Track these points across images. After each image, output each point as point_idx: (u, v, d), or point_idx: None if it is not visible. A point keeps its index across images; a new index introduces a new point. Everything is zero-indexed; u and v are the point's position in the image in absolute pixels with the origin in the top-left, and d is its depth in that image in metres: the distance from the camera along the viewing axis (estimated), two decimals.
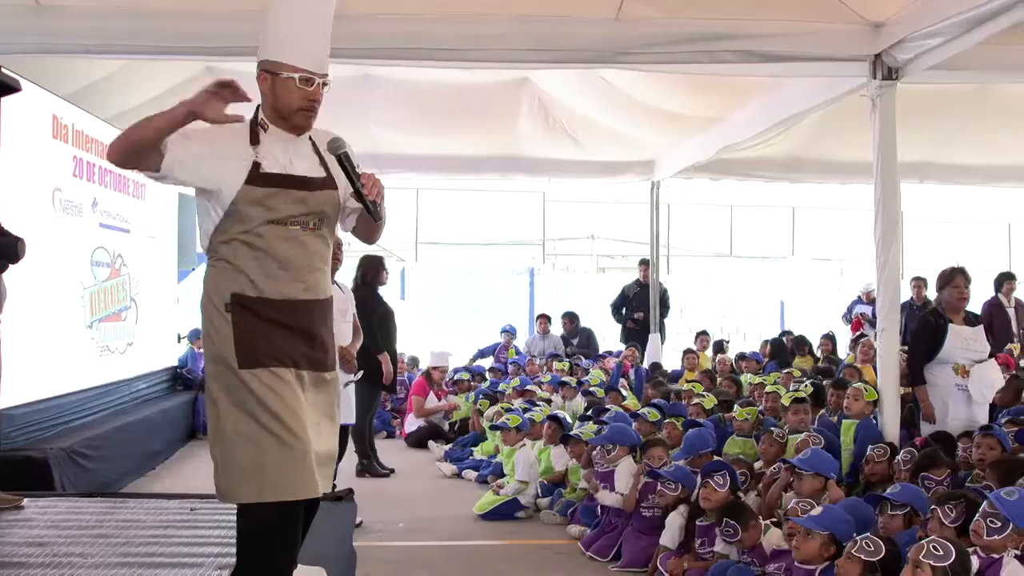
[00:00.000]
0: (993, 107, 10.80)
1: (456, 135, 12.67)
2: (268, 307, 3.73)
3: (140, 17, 7.13)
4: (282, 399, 3.68)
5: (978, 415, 7.46)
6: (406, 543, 7.57)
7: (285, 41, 3.73)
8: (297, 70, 3.71)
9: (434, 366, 12.96)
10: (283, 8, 3.76)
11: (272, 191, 3.71)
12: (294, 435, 3.66)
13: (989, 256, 29.62)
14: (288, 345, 3.75)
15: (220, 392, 3.71)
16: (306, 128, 3.87)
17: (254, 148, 3.74)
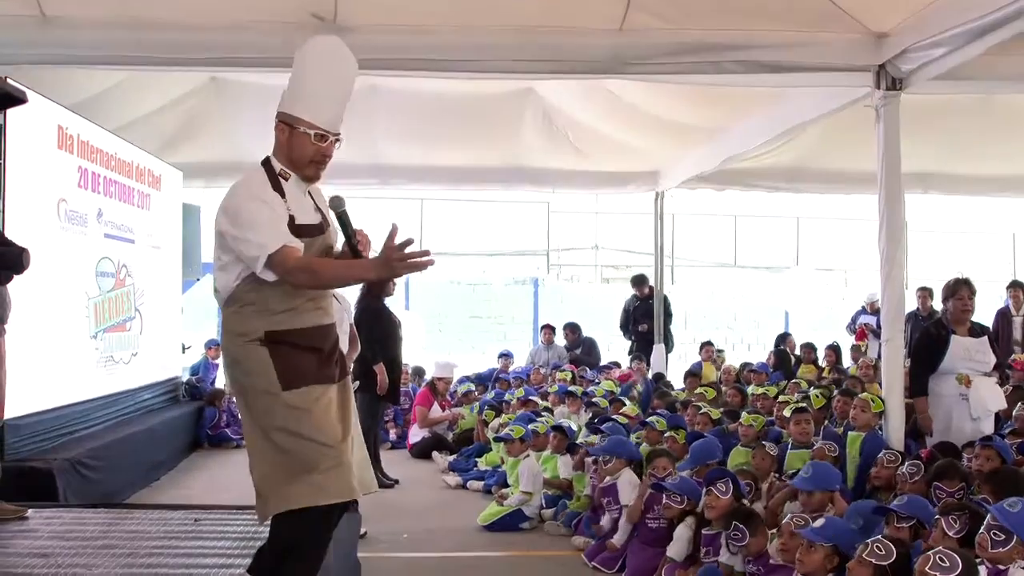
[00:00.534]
0: (997, 117, 10.79)
1: (461, 146, 12.69)
2: (300, 336, 4.03)
3: (145, 28, 7.14)
4: (326, 413, 4.02)
5: (984, 426, 7.44)
6: (410, 554, 7.57)
7: (307, 98, 4.05)
8: (314, 127, 4.03)
9: (439, 376, 12.94)
10: (309, 66, 4.09)
11: (305, 240, 4.01)
12: (334, 444, 3.97)
13: (994, 266, 29.59)
14: (321, 366, 4.07)
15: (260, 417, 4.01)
16: (315, 179, 4.19)
17: (284, 200, 4.02)
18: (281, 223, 3.95)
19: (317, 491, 3.92)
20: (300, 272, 3.92)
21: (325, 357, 4.12)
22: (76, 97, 9.31)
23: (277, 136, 4.11)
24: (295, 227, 3.99)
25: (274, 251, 3.86)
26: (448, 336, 25.37)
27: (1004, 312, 12.98)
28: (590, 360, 14.92)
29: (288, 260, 3.88)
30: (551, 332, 15.66)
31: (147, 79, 9.75)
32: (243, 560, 4.64)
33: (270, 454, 3.99)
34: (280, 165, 4.10)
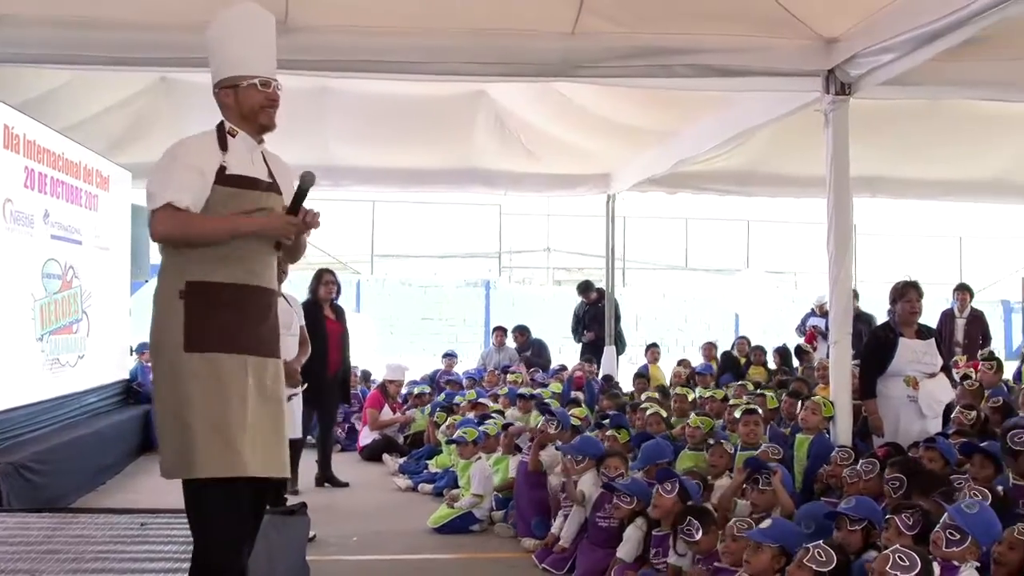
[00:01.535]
0: (944, 122, 10.90)
1: (413, 147, 12.65)
2: (221, 291, 4.10)
3: (93, 27, 7.05)
4: (221, 384, 4.05)
5: (931, 427, 7.53)
6: (360, 557, 7.52)
7: (240, 58, 4.29)
8: (256, 76, 4.29)
9: (390, 379, 12.90)
10: (231, 32, 4.32)
11: (234, 191, 4.17)
12: (221, 424, 4.01)
13: (941, 269, 29.98)
14: (237, 330, 4.11)
15: (163, 374, 4.10)
16: (270, 126, 4.40)
17: (223, 153, 4.20)
18: (188, 177, 4.10)
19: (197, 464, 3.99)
20: (174, 227, 4.08)
21: (248, 324, 4.16)
22: (23, 96, 9.19)
23: (224, 103, 4.32)
24: (225, 176, 4.15)
25: (158, 205, 4.05)
26: (399, 338, 25.30)
27: (949, 314, 13.22)
28: (541, 362, 14.95)
29: (169, 215, 4.06)
30: (503, 334, 15.68)
31: (96, 79, 9.64)
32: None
33: (166, 419, 4.09)
34: (232, 126, 4.29)
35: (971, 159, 12.87)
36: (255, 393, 4.13)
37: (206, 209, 4.12)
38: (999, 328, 27.94)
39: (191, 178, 4.09)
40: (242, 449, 4.01)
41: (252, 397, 4.11)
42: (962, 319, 13.15)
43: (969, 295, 13.45)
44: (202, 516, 4.06)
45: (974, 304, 13.60)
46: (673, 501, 6.13)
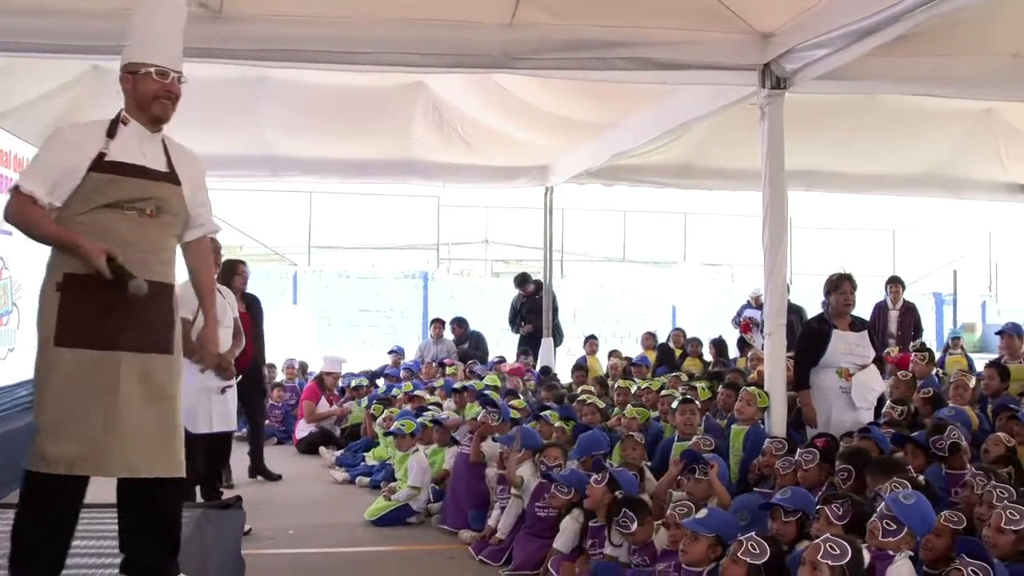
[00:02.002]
0: (878, 117, 11.03)
1: (350, 139, 12.57)
2: (96, 285, 4.02)
3: (26, 14, 6.90)
4: (82, 380, 4.04)
5: (862, 418, 7.62)
6: (296, 550, 7.48)
7: (142, 44, 4.30)
8: (153, 65, 4.25)
9: (327, 371, 12.83)
10: (140, 19, 4.34)
11: (113, 178, 4.14)
12: (75, 415, 4.02)
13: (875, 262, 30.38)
14: (111, 326, 4.08)
15: (36, 367, 4.13)
16: (163, 118, 4.33)
17: (108, 140, 4.19)
18: (55, 164, 4.11)
19: (38, 459, 4.05)
20: (14, 213, 4.12)
21: (126, 318, 4.10)
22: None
23: (123, 89, 4.33)
24: (103, 163, 4.13)
25: (16, 187, 4.09)
26: (336, 330, 25.18)
27: (882, 306, 13.40)
28: (478, 354, 14.94)
29: (14, 199, 4.10)
30: (441, 326, 15.66)
31: (26, 66, 9.45)
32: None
33: (37, 408, 4.13)
34: (125, 113, 4.30)
35: (903, 154, 13.06)
36: (139, 391, 4.11)
37: (75, 195, 4.09)
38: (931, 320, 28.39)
39: (57, 166, 4.09)
40: (74, 447, 4.02)
41: (132, 395, 4.09)
42: (895, 311, 13.33)
43: (901, 287, 13.64)
44: (20, 503, 4.17)
45: (906, 296, 13.79)
46: (602, 492, 6.16)
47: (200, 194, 4.51)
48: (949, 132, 12.23)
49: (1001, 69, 7.98)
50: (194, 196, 4.44)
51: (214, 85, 9.88)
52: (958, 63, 7.87)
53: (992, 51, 7.88)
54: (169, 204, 4.28)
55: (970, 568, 4.01)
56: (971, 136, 12.41)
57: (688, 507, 5.41)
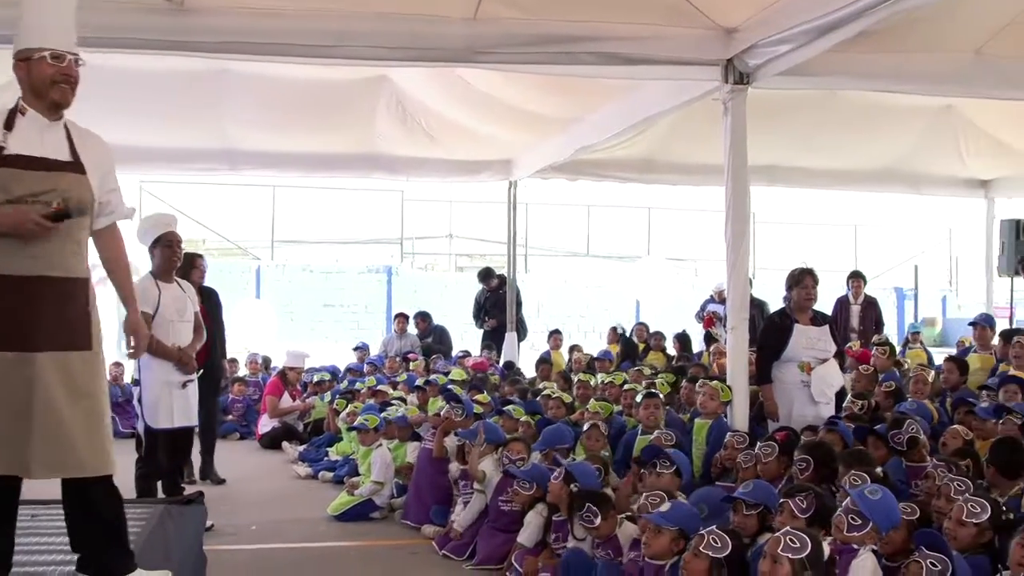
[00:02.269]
0: (840, 113, 11.11)
1: (313, 132, 12.50)
2: (6, 287, 3.97)
3: None
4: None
5: (823, 412, 7.67)
6: (258, 546, 7.46)
7: (34, 29, 4.15)
8: (48, 49, 4.09)
9: (290, 366, 12.78)
10: (29, 2, 4.20)
11: (14, 172, 4.02)
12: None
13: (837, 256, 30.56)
14: (26, 327, 4.00)
15: None
16: (63, 103, 4.18)
17: (5, 133, 4.06)
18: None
19: None
20: None
21: (24, 316, 4.01)
22: None
23: (19, 79, 4.19)
24: (1, 157, 4.01)
25: None
26: (299, 325, 25.06)
27: (843, 301, 13.50)
28: (442, 349, 14.93)
29: None
30: (404, 321, 15.63)
31: None
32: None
33: None
34: (23, 103, 4.15)
35: (865, 149, 13.17)
36: (60, 391, 4.05)
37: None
38: (892, 314, 28.60)
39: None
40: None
41: (52, 395, 4.03)
42: (856, 306, 13.44)
43: (863, 282, 13.74)
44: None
45: (868, 291, 13.89)
46: (559, 486, 6.18)
47: (109, 180, 4.36)
48: (910, 128, 12.33)
49: (961, 66, 8.06)
50: (102, 183, 4.30)
51: (176, 78, 9.83)
52: (918, 60, 7.95)
53: (952, 48, 7.96)
54: (77, 195, 4.15)
55: (929, 560, 4.04)
56: (931, 132, 12.52)
57: (661, 497, 5.43)
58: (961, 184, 14.98)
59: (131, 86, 9.72)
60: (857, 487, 4.84)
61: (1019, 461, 5.79)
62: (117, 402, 12.17)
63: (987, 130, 12.35)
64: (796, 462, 6.07)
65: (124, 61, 8.67)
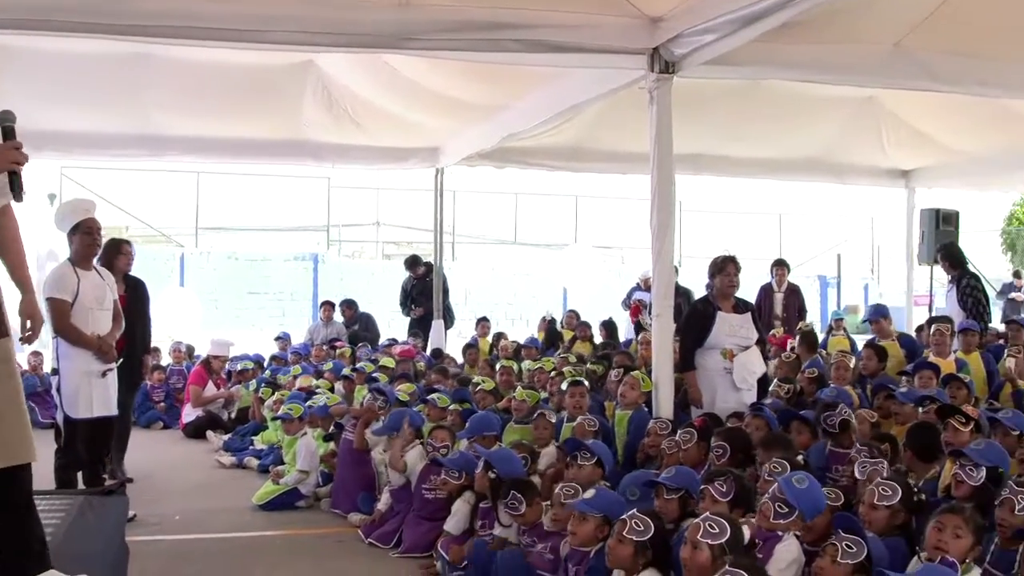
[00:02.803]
0: (765, 103, 11.19)
1: (238, 118, 12.35)
2: None
3: None
4: None
5: (746, 398, 7.77)
6: (182, 536, 7.39)
7: None
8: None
9: (214, 355, 12.65)
10: None
11: None
12: None
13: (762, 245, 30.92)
14: None
15: None
16: None
17: None
18: None
19: None
20: None
21: None
22: None
23: None
24: None
25: None
26: (225, 313, 24.82)
27: (767, 288, 13.67)
28: (369, 337, 14.87)
29: None
30: (331, 309, 15.55)
31: None
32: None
33: None
34: None
35: (789, 139, 13.33)
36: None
37: None
38: (816, 302, 29.01)
39: None
40: None
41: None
42: (780, 293, 13.62)
43: (787, 270, 13.93)
44: None
45: (791, 279, 14.08)
46: (481, 475, 6.19)
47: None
48: (833, 119, 12.48)
49: (881, 57, 8.16)
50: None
51: (97, 61, 9.65)
52: (839, 51, 8.04)
53: (872, 40, 8.06)
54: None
55: (845, 543, 4.11)
56: (854, 123, 12.68)
57: (575, 488, 5.45)
58: (883, 174, 15.22)
59: (51, 69, 9.54)
60: (781, 474, 4.92)
61: (936, 445, 5.93)
62: (36, 392, 12.01)
63: (908, 121, 12.53)
64: (713, 448, 6.17)
65: (45, 44, 8.53)
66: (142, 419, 12.55)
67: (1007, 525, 4.47)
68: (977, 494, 4.92)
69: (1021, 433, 5.98)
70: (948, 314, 10.75)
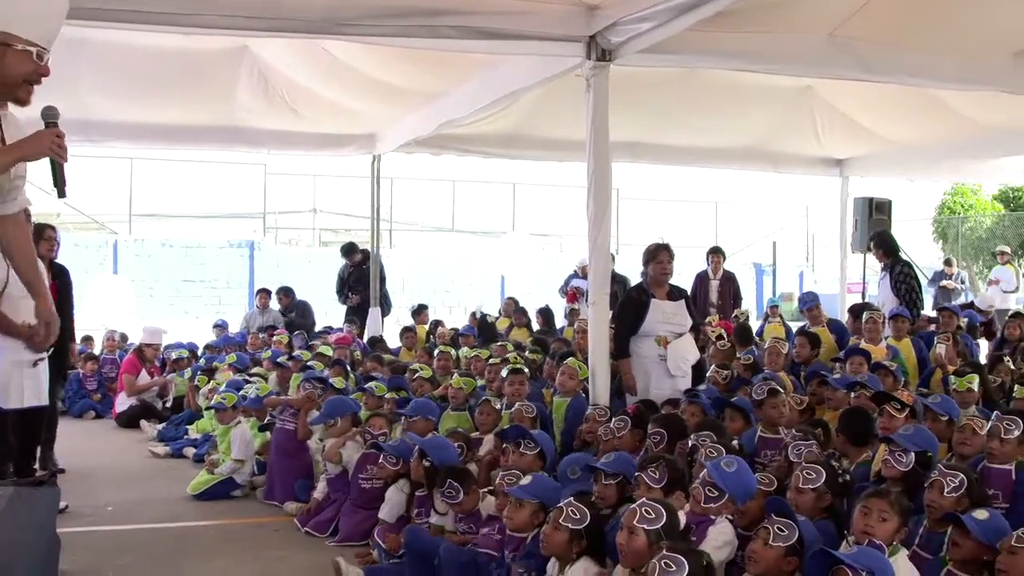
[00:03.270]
0: (701, 92, 11.25)
1: (173, 103, 12.19)
2: None
3: None
4: None
5: (680, 385, 7.83)
6: (115, 527, 7.31)
7: (27, 14, 3.74)
8: (36, 45, 3.75)
9: (146, 343, 12.49)
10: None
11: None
12: None
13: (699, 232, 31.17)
14: None
15: None
16: (26, 102, 3.87)
17: None
18: None
19: None
20: None
21: None
22: None
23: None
24: None
25: None
26: (159, 301, 24.58)
27: (703, 276, 13.77)
28: (305, 324, 14.79)
29: None
30: (267, 296, 15.46)
31: None
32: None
33: None
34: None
35: (726, 128, 13.42)
36: None
37: None
38: (751, 289, 29.30)
39: None
40: None
41: None
42: (715, 281, 13.73)
43: (722, 258, 14.04)
44: None
45: (727, 267, 14.19)
46: (416, 463, 6.19)
47: (20, 167, 4.18)
48: (769, 108, 12.58)
49: (815, 47, 8.22)
50: (18, 168, 4.13)
51: None
52: (774, 40, 8.09)
53: (807, 29, 8.12)
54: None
55: (777, 526, 4.16)
56: (789, 112, 12.79)
57: (516, 476, 5.46)
58: (817, 163, 15.37)
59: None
60: (713, 459, 4.97)
61: (868, 430, 6.02)
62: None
63: (842, 110, 12.67)
64: (651, 435, 6.21)
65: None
66: (74, 408, 12.41)
67: (936, 507, 4.58)
68: (906, 478, 5.01)
69: (950, 418, 6.09)
70: (881, 301, 10.91)
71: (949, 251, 28.96)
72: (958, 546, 4.23)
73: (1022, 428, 5.25)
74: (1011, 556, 3.94)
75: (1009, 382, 8.39)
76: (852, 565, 3.69)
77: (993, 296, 17.97)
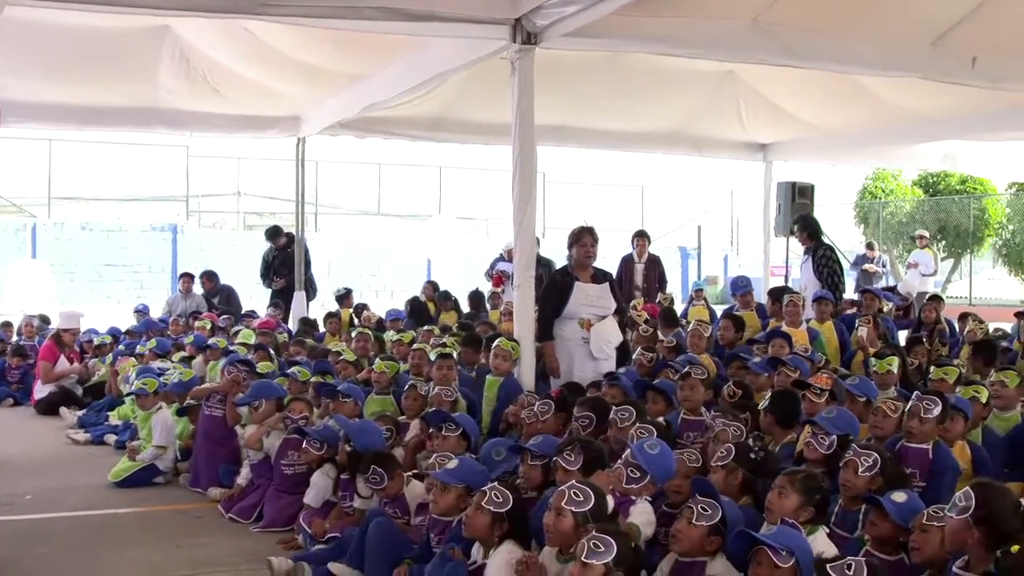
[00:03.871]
0: (626, 76, 11.30)
1: (91, 84, 11.97)
2: None
3: None
4: None
5: (603, 368, 7.88)
6: (34, 516, 7.19)
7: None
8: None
9: (64, 328, 12.26)
10: None
11: None
12: None
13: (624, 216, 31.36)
14: None
15: None
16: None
17: None
18: None
19: None
20: None
21: None
22: None
23: None
24: None
25: None
26: (80, 285, 24.19)
27: (628, 259, 13.86)
28: (230, 309, 14.63)
29: None
30: (190, 280, 15.28)
31: None
32: None
33: None
34: None
35: (650, 112, 13.48)
36: None
37: None
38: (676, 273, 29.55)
39: None
40: None
41: None
42: (640, 264, 13.83)
43: (647, 241, 14.13)
44: None
45: (652, 250, 14.28)
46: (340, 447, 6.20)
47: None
48: (693, 92, 12.66)
49: (738, 32, 8.29)
50: None
51: None
52: (698, 25, 8.15)
53: (730, 15, 8.18)
54: None
55: (700, 506, 4.21)
56: (714, 97, 12.89)
57: (448, 458, 5.45)
58: (742, 147, 15.51)
59: None
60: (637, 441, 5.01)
61: (795, 412, 6.11)
62: None
63: (766, 95, 12.79)
64: (578, 418, 6.23)
65: None
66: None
67: (850, 486, 4.71)
68: (828, 460, 5.10)
69: (868, 399, 6.20)
70: (803, 284, 11.05)
71: (870, 235, 29.42)
72: (875, 526, 4.31)
73: (941, 408, 5.37)
74: (923, 534, 4.04)
75: (925, 364, 8.55)
76: (772, 545, 3.74)
77: (913, 282, 18.33)
